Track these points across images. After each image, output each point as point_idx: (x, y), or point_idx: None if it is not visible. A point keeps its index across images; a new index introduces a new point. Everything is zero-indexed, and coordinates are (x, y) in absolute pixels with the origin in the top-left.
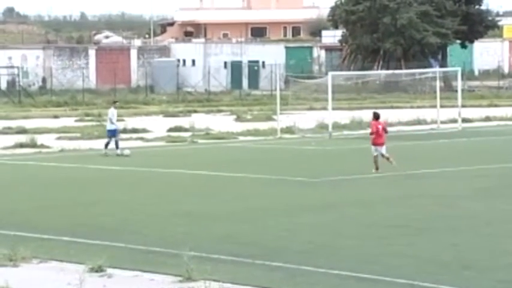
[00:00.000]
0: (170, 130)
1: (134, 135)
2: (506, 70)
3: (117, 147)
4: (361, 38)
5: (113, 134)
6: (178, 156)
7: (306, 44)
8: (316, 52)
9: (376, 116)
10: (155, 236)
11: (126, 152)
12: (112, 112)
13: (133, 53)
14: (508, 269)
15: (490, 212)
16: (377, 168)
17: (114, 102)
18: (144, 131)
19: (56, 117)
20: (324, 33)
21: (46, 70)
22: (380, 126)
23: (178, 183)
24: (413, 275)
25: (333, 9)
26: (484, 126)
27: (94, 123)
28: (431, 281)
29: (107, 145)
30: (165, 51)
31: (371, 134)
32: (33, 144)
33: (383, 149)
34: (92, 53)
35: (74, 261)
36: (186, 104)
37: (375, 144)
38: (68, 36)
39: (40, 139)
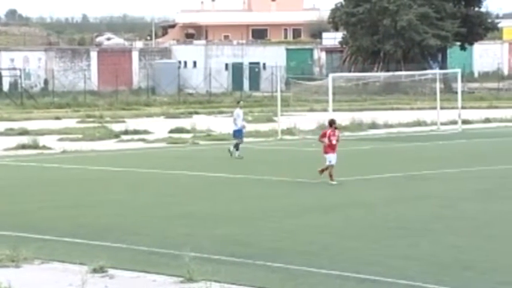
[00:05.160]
0: (171, 131)
1: (136, 137)
2: (505, 72)
3: (234, 147)
4: (362, 40)
5: (239, 134)
6: (180, 158)
7: (306, 46)
8: (316, 54)
9: None
10: (157, 237)
11: (237, 153)
12: (237, 113)
13: (135, 55)
14: (508, 270)
15: (490, 213)
16: None
17: (238, 102)
18: (146, 132)
19: (57, 118)
20: (324, 35)
21: (48, 72)
22: None
23: (180, 185)
24: (415, 276)
25: (333, 11)
26: (483, 127)
27: (96, 124)
28: (432, 282)
29: (236, 147)
30: (166, 53)
31: None
32: (35, 146)
33: None
34: (93, 54)
35: (76, 262)
36: (187, 105)
37: None
38: (70, 38)
39: (42, 140)
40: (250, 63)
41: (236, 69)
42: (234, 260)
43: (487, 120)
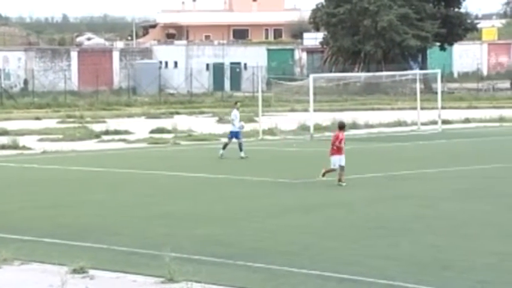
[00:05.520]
0: (152, 132)
1: (116, 137)
2: (485, 72)
3: (240, 149)
4: (342, 40)
5: (235, 136)
6: (161, 158)
7: (287, 46)
8: (297, 54)
9: None
10: (137, 237)
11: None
12: (235, 114)
13: (116, 55)
14: (487, 269)
15: (469, 213)
16: None
17: (236, 103)
18: (127, 132)
19: (37, 118)
20: (305, 35)
21: (28, 72)
22: None
23: (161, 185)
24: (394, 276)
25: (314, 11)
26: (463, 127)
27: (76, 124)
28: (412, 281)
29: (224, 146)
30: (147, 53)
31: None
32: (15, 146)
33: None
34: (74, 54)
35: (56, 262)
36: (168, 105)
37: None
38: (50, 38)
39: (22, 141)
40: (231, 63)
41: (217, 70)
42: (215, 260)
43: (467, 121)
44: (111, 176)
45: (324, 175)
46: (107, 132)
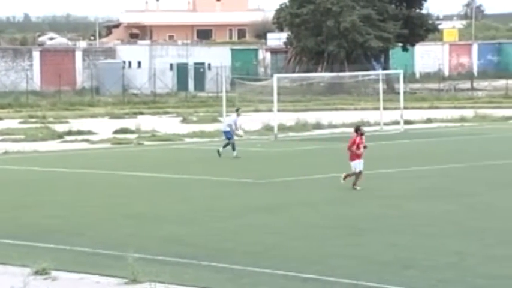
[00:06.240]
0: (116, 132)
1: (79, 137)
2: (446, 73)
3: (223, 147)
4: (306, 41)
5: (226, 135)
6: (124, 158)
7: (251, 47)
8: (261, 54)
9: None
10: (100, 238)
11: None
12: (234, 120)
13: (78, 55)
14: (448, 268)
15: (431, 212)
16: None
17: (237, 109)
18: (90, 133)
19: None
20: (269, 35)
21: None
22: None
23: (124, 185)
24: (357, 275)
25: (278, 12)
26: (425, 127)
27: (38, 125)
28: (374, 280)
29: (225, 146)
30: (110, 53)
31: None
32: None
33: None
34: (36, 54)
35: (17, 264)
36: (131, 105)
37: None
38: (12, 37)
39: None
40: (195, 63)
41: (181, 70)
42: (178, 261)
43: (429, 121)
44: (74, 176)
45: (344, 179)
46: (69, 133)
